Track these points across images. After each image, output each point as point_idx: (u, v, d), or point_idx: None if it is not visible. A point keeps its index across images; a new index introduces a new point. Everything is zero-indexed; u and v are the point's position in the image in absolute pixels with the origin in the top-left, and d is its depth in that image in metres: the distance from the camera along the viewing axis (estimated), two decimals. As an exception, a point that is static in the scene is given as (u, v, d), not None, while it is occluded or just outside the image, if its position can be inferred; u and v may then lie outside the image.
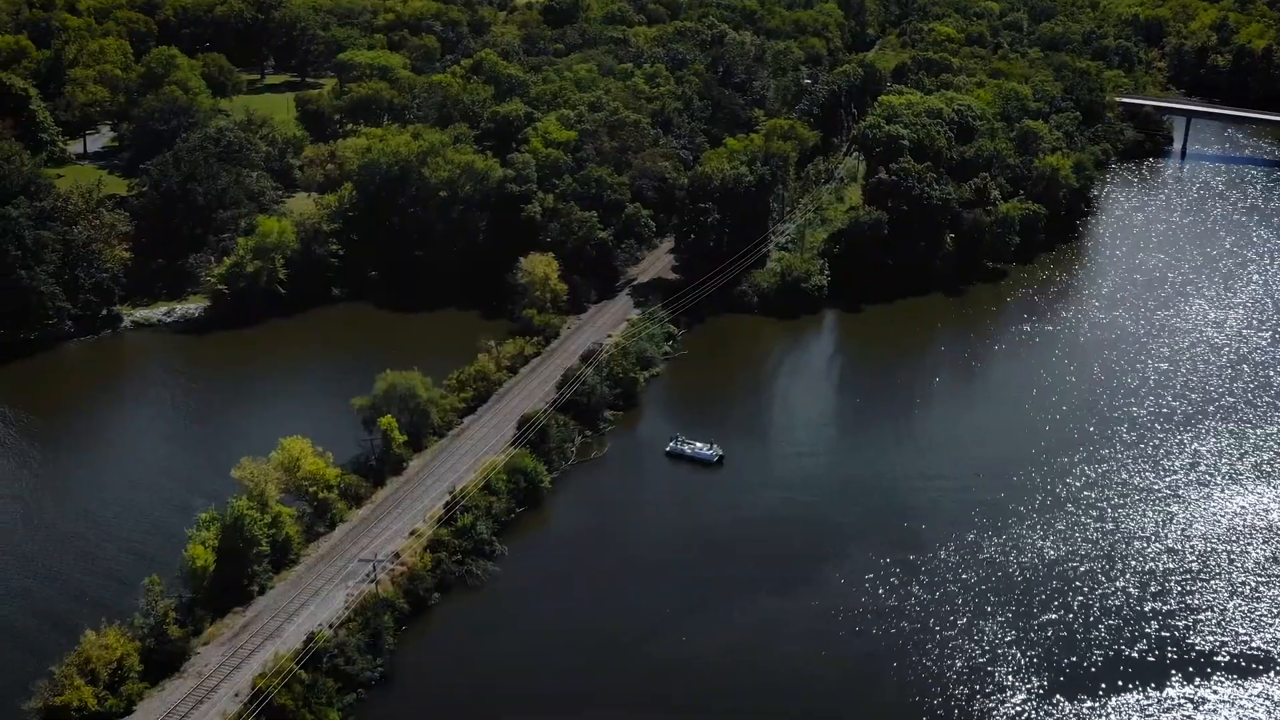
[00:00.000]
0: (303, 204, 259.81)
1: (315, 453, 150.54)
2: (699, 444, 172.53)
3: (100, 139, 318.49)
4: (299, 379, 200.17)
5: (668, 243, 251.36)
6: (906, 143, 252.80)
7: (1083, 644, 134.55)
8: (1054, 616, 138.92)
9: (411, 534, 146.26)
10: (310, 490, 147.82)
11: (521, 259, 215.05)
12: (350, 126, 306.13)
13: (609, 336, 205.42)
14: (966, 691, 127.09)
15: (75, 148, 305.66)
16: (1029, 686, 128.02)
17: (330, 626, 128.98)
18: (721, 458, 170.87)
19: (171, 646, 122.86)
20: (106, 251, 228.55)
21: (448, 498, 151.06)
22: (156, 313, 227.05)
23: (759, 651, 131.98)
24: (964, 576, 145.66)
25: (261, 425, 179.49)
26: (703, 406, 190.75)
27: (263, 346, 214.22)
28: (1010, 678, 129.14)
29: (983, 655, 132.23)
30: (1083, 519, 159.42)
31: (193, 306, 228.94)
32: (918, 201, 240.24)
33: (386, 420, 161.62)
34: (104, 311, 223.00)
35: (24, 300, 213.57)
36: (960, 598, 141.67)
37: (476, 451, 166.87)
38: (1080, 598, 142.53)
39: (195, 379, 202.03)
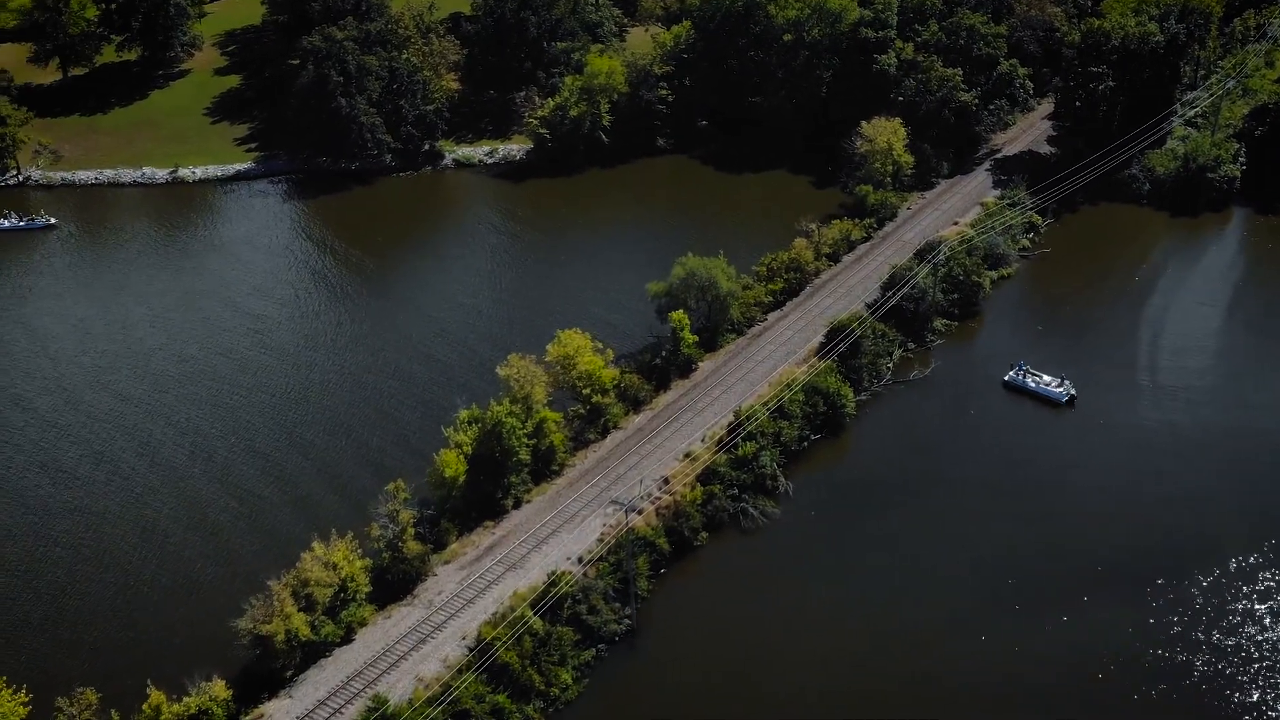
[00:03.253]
0: (638, 39, 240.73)
1: (595, 349, 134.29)
2: (1046, 376, 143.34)
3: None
4: (605, 243, 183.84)
5: (1046, 105, 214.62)
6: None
7: None
8: None
9: (685, 457, 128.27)
10: (584, 392, 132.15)
11: (864, 123, 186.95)
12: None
13: (954, 224, 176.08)
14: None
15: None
16: None
17: (579, 562, 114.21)
18: (1073, 398, 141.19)
19: (406, 566, 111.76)
20: (434, 82, 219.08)
21: (732, 417, 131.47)
22: (478, 152, 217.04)
23: (1078, 674, 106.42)
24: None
25: (555, 295, 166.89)
26: (1059, 324, 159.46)
27: (577, 200, 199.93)
28: None
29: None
30: None
31: (514, 148, 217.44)
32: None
33: (678, 316, 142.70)
34: (425, 147, 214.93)
35: (344, 129, 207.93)
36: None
37: (775, 359, 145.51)
38: None
39: (505, 230, 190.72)
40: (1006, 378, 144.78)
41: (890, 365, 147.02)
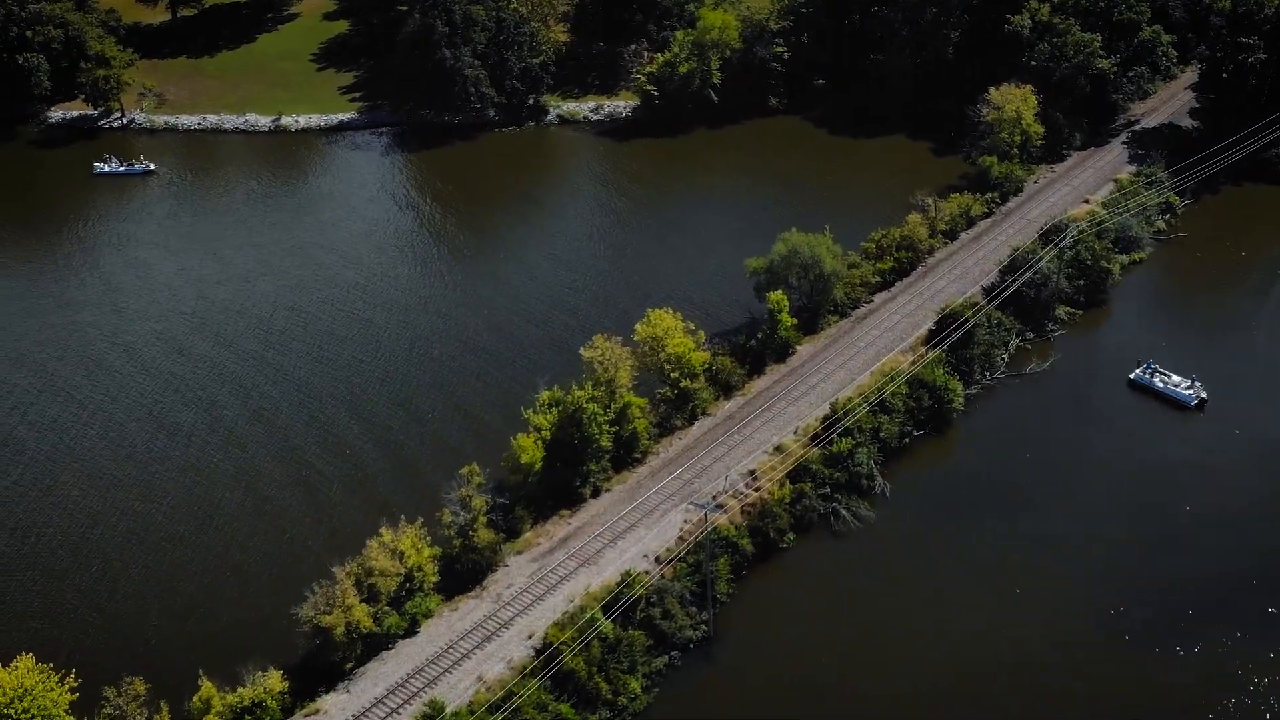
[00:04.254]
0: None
1: (686, 329, 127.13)
2: (1176, 377, 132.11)
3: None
4: (706, 211, 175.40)
5: (1190, 74, 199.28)
6: None
7: None
8: None
9: (775, 450, 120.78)
10: (672, 375, 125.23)
11: (992, 89, 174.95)
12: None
13: (1085, 202, 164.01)
14: None
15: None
16: None
17: (657, 561, 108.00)
18: (1204, 401, 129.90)
19: (476, 556, 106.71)
20: (542, 33, 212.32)
21: (828, 410, 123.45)
22: (584, 108, 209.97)
23: (1191, 715, 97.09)
24: None
25: (650, 265, 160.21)
26: (1193, 318, 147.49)
27: (682, 162, 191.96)
28: None
29: None
30: None
31: (621, 105, 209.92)
32: None
33: (776, 297, 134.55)
34: (530, 101, 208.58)
35: (448, 82, 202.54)
36: None
37: (879, 346, 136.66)
38: None
39: (605, 193, 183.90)
40: (1132, 376, 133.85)
41: (1005, 357, 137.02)
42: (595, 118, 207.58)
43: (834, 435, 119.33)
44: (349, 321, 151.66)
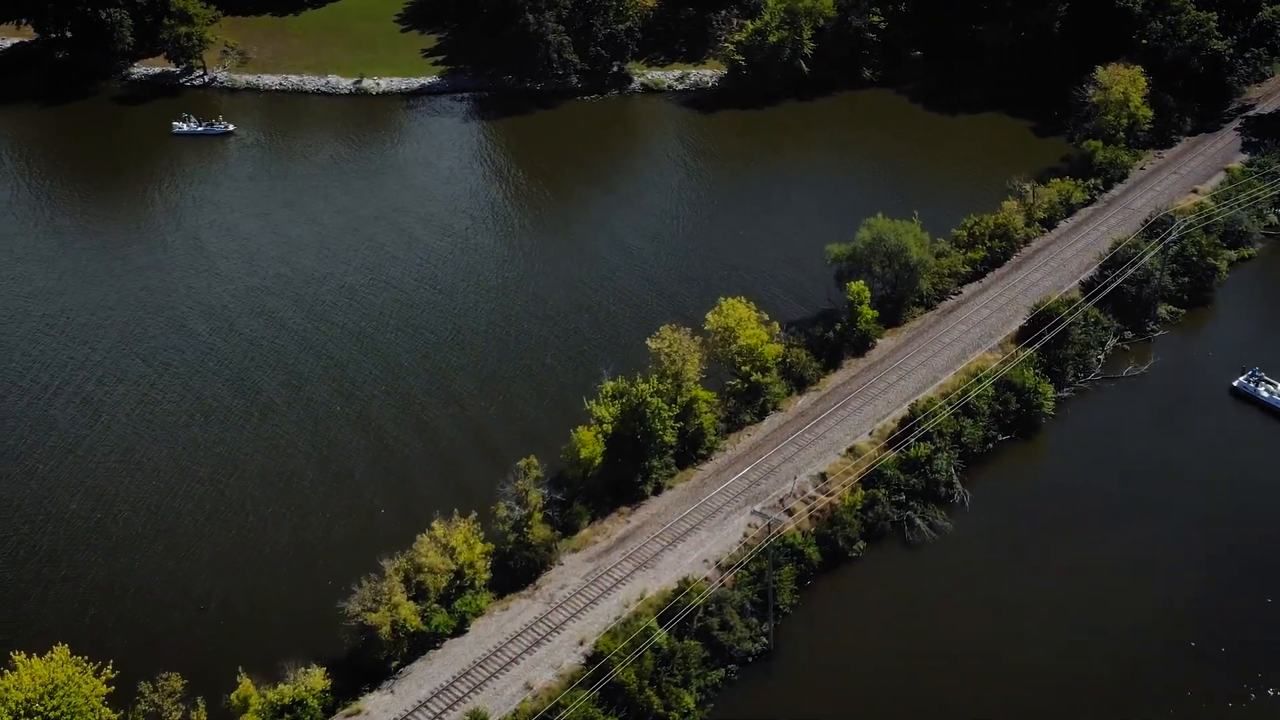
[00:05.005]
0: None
1: (759, 320, 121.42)
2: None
3: None
4: (790, 189, 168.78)
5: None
6: None
7: None
8: None
9: (848, 452, 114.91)
10: (743, 369, 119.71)
11: (1099, 68, 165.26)
12: None
13: (1193, 192, 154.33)
14: None
15: None
16: None
17: (717, 567, 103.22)
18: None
19: (530, 554, 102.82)
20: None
21: (906, 411, 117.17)
22: (669, 76, 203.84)
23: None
24: None
25: (728, 245, 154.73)
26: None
27: (769, 136, 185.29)
28: None
29: None
30: None
31: (707, 73, 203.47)
32: None
33: (857, 288, 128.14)
34: (614, 68, 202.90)
35: (530, 47, 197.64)
36: None
37: (966, 343, 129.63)
38: None
39: (687, 166, 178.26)
40: (1236, 383, 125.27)
41: (1101, 358, 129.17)
42: (680, 87, 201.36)
43: (912, 438, 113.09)
44: (428, 291, 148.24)
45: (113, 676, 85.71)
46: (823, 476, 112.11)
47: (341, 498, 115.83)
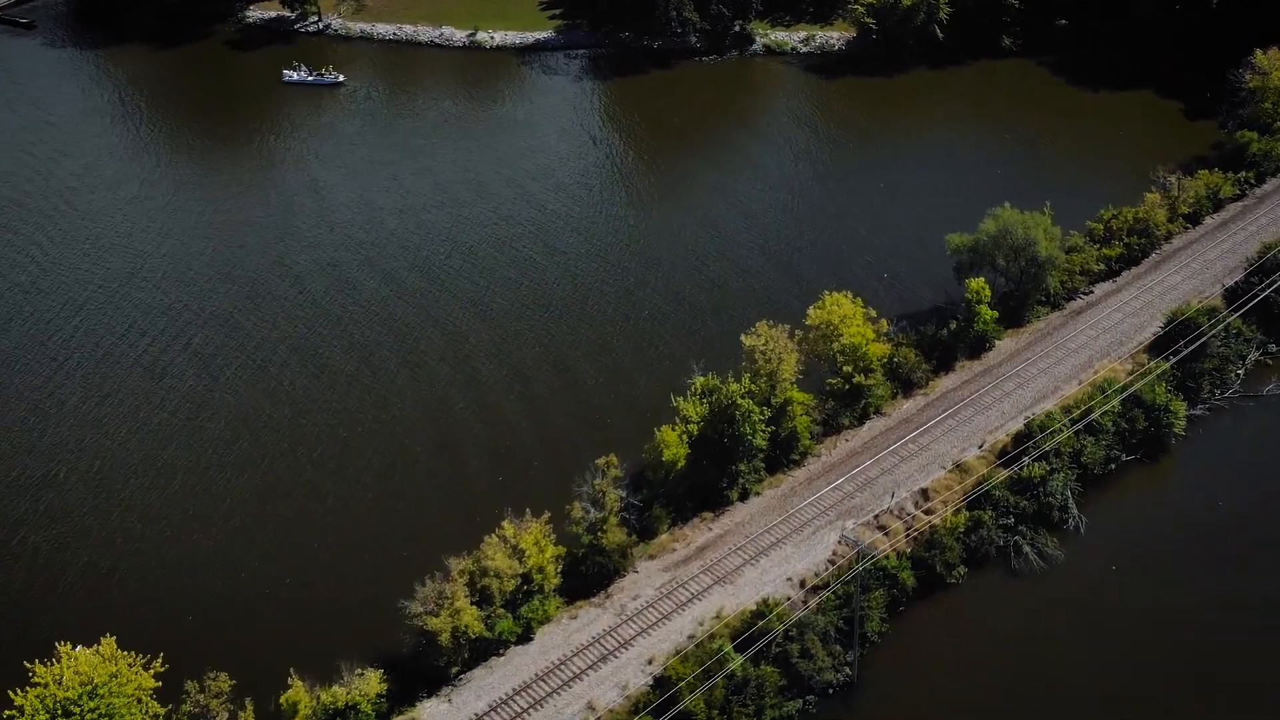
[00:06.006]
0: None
1: (867, 316, 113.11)
2: None
3: None
4: (914, 167, 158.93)
5: None
6: None
7: None
8: None
9: (955, 467, 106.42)
10: (845, 369, 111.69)
11: (1259, 51, 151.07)
12: None
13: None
14: None
15: None
16: None
17: (800, 586, 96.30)
18: None
19: (604, 559, 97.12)
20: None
21: (1022, 425, 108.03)
22: (793, 38, 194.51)
23: None
24: None
25: (842, 225, 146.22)
26: None
27: (896, 107, 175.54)
28: None
29: None
30: None
31: (834, 36, 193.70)
32: None
33: (977, 285, 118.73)
34: (735, 28, 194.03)
35: (649, 3, 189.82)
36: None
37: (1093, 349, 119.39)
38: None
39: (807, 136, 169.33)
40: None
41: (1240, 373, 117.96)
42: (804, 50, 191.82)
43: (1027, 456, 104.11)
44: (521, 266, 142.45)
45: (161, 670, 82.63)
46: (924, 493, 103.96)
47: (402, 482, 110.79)
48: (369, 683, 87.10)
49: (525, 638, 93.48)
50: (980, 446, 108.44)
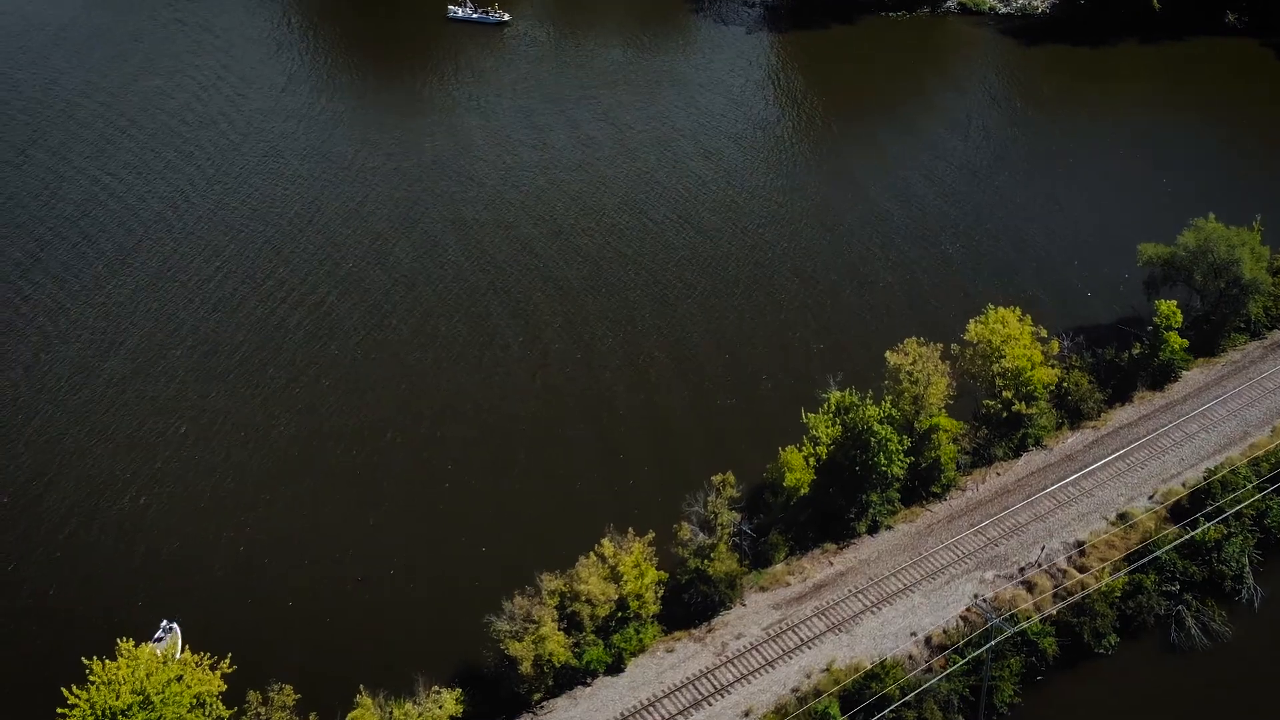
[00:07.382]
0: None
1: (1035, 336, 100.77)
2: None
3: None
4: (1102, 157, 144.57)
5: None
6: None
7: None
8: None
9: (1118, 519, 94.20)
10: (1004, 395, 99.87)
11: None
12: None
13: None
14: None
15: None
16: None
17: (926, 644, 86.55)
18: None
19: (708, 589, 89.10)
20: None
21: (1202, 475, 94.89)
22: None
23: None
24: None
25: (1024, 226, 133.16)
26: None
27: (1099, 83, 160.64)
28: None
29: None
30: None
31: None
32: None
33: (1167, 308, 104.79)
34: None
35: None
36: None
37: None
38: None
39: (998, 111, 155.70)
40: None
41: None
42: (1004, 10, 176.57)
43: (1203, 514, 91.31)
44: (688, 233, 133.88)
45: (229, 671, 78.48)
46: (1080, 547, 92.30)
47: (523, 479, 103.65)
48: (446, 704, 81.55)
49: (615, 668, 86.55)
50: (1150, 497, 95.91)
